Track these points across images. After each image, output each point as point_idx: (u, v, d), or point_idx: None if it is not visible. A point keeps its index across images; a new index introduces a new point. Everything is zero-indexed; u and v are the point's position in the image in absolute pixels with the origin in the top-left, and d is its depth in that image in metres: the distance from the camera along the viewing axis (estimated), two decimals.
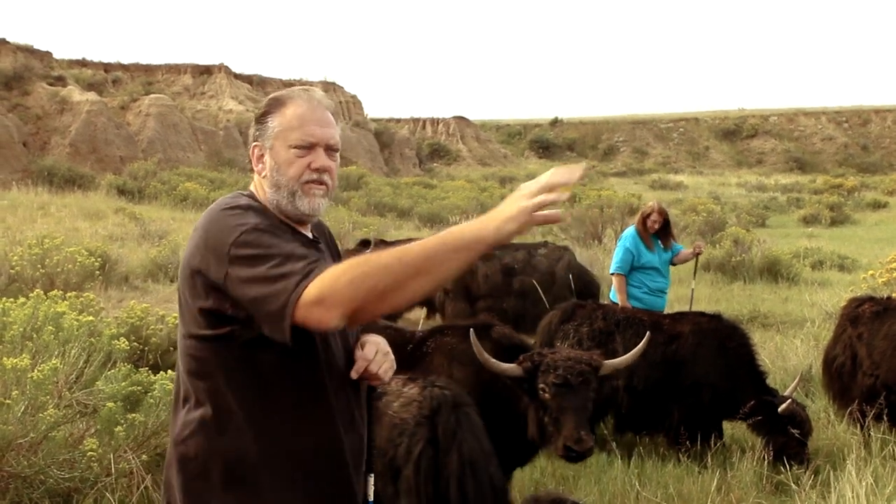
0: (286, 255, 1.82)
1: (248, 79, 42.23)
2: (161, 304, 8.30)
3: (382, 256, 1.76)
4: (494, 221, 1.76)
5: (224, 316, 1.90)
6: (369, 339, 2.08)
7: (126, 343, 4.80)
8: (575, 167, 1.80)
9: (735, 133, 69.77)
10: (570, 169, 1.79)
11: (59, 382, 4.19)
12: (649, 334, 4.45)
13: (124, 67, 40.65)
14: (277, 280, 1.78)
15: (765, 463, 4.90)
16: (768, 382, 5.47)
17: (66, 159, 25.36)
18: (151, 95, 32.19)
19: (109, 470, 3.95)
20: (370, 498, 2.12)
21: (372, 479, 2.13)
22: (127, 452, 4.04)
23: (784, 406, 5.03)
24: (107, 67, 39.75)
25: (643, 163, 60.08)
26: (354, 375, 2.04)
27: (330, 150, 2.06)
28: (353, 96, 46.53)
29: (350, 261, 1.78)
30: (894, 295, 6.30)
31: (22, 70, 28.68)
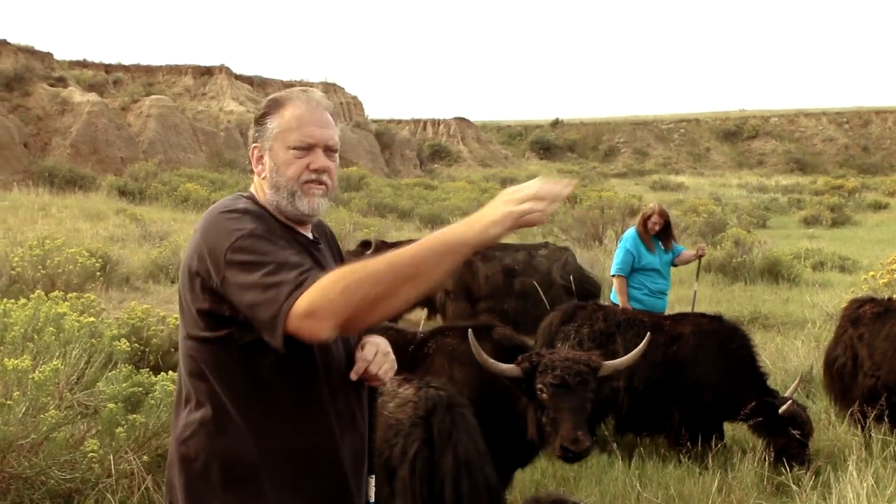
0: (280, 264, 1.82)
1: (249, 80, 42.22)
2: (162, 305, 8.31)
3: (372, 265, 1.76)
4: (479, 224, 1.77)
5: (222, 318, 1.90)
6: (369, 339, 2.08)
7: (127, 344, 4.80)
8: (565, 183, 1.80)
9: (736, 134, 69.75)
10: (560, 184, 1.80)
11: (60, 383, 4.19)
12: (650, 335, 4.44)
13: (125, 68, 40.66)
14: (269, 289, 1.79)
15: (766, 464, 4.90)
16: (769, 383, 5.47)
17: (67, 160, 25.33)
18: (152, 96, 32.15)
19: (110, 471, 3.96)
20: (371, 499, 2.12)
21: (373, 481, 2.13)
22: (128, 453, 4.05)
23: (785, 407, 5.03)
24: (108, 68, 39.76)
25: (644, 164, 60.05)
26: (354, 377, 2.03)
27: (329, 150, 2.06)
28: (354, 97, 46.53)
29: (340, 270, 1.77)
30: (895, 296, 6.30)
31: (23, 71, 28.68)
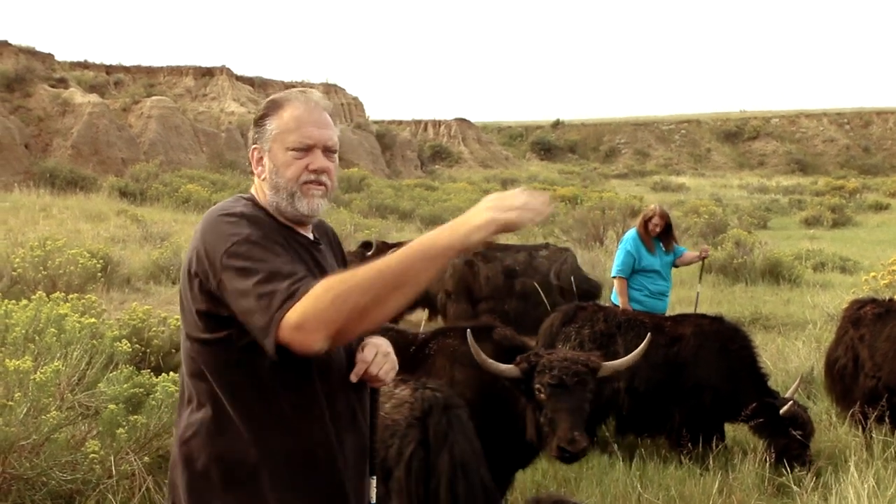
0: (272, 273, 1.82)
1: (250, 81, 42.24)
2: (163, 306, 8.30)
3: (360, 275, 1.77)
4: (463, 228, 1.79)
5: (221, 319, 1.91)
6: (369, 341, 2.07)
7: (128, 345, 4.80)
8: (546, 200, 1.84)
9: (737, 135, 69.74)
10: (543, 203, 1.83)
11: (61, 384, 4.19)
12: (650, 336, 4.44)
13: (126, 69, 40.67)
14: (262, 298, 1.80)
15: (766, 465, 4.90)
16: (770, 384, 5.47)
17: (68, 161, 25.32)
18: (153, 97, 32.14)
19: (111, 472, 3.96)
20: (372, 500, 2.12)
21: (374, 482, 2.12)
22: (129, 454, 4.05)
23: (786, 408, 5.03)
24: (109, 69, 39.79)
25: (645, 165, 60.05)
26: (354, 379, 2.03)
27: (328, 151, 2.07)
28: (355, 98, 46.55)
29: (329, 281, 1.78)
30: None
31: (24, 72, 28.68)
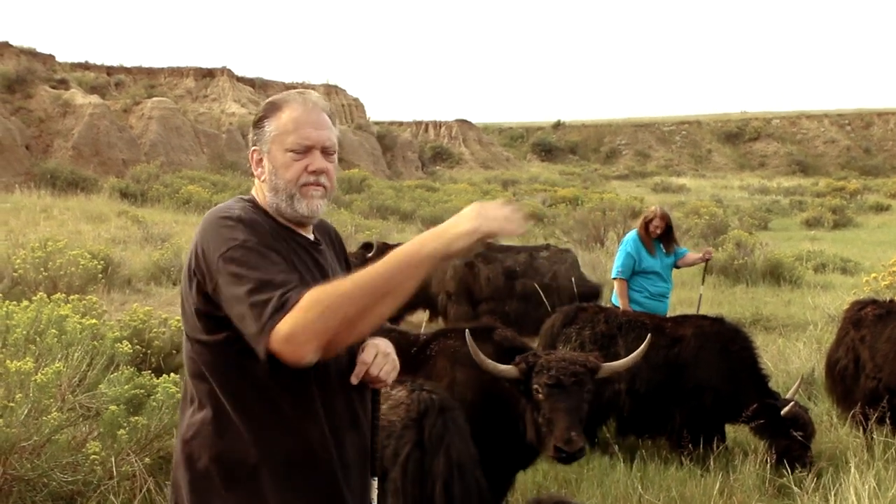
0: (265, 282, 1.83)
1: (251, 82, 42.27)
2: (164, 307, 8.30)
3: (347, 285, 1.78)
4: (447, 236, 1.81)
5: (220, 320, 1.91)
6: (370, 341, 2.07)
7: (129, 346, 4.80)
8: (525, 218, 1.88)
9: (737, 136, 69.77)
10: (522, 216, 1.86)
11: (62, 385, 4.19)
12: (650, 337, 4.43)
13: (127, 70, 40.71)
14: (253, 306, 1.81)
15: (767, 466, 4.89)
16: (771, 385, 5.47)
17: (69, 162, 25.34)
18: (154, 98, 32.16)
19: (112, 473, 3.96)
20: (373, 501, 2.12)
21: (375, 483, 2.12)
22: (130, 455, 4.05)
23: (787, 409, 5.03)
24: (109, 70, 39.82)
25: (645, 166, 60.07)
26: (354, 381, 2.03)
27: (326, 151, 2.07)
28: (356, 99, 46.59)
29: (319, 292, 1.79)
30: None
31: (25, 73, 28.71)
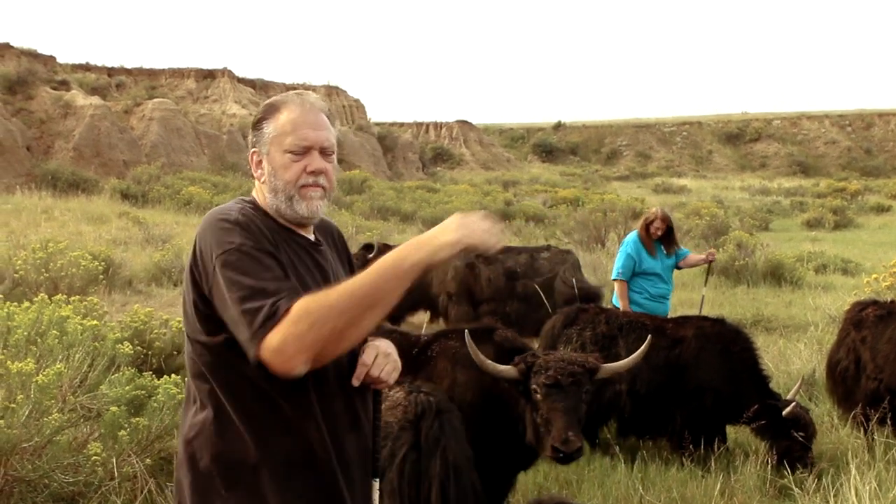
0: (258, 289, 1.84)
1: (252, 83, 42.27)
2: (165, 308, 8.30)
3: (334, 297, 1.80)
4: (430, 246, 1.85)
5: (219, 321, 1.92)
6: (370, 343, 2.07)
7: (130, 347, 4.80)
8: (502, 233, 1.94)
9: (738, 137, 69.78)
10: (500, 231, 1.92)
11: (63, 386, 4.19)
12: (650, 338, 4.42)
13: (128, 72, 40.73)
14: (245, 313, 1.83)
15: (768, 467, 4.89)
16: (771, 386, 5.46)
17: (70, 163, 25.34)
18: (155, 100, 32.17)
19: (113, 474, 3.96)
20: (375, 502, 2.11)
21: (377, 484, 2.12)
22: (131, 456, 4.06)
23: (788, 409, 5.03)
24: (110, 72, 39.84)
25: (646, 167, 60.09)
26: (356, 383, 2.04)
27: (325, 152, 2.08)
28: (357, 100, 46.58)
29: (308, 303, 1.80)
30: None
31: (26, 74, 28.75)
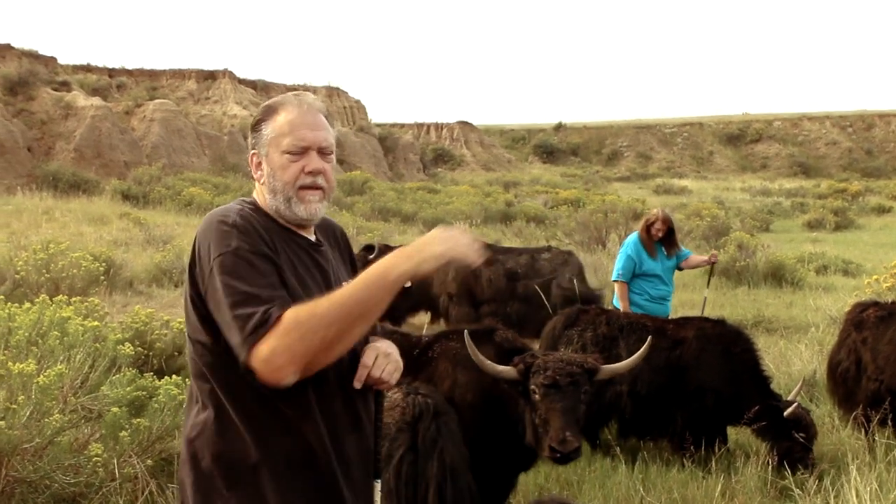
0: (251, 296, 1.85)
1: (253, 84, 42.31)
2: (166, 309, 8.30)
3: (323, 308, 1.82)
4: (416, 258, 1.88)
5: (215, 321, 1.92)
6: (371, 344, 2.08)
7: (131, 348, 4.81)
8: (483, 253, 1.97)
9: (739, 138, 69.79)
10: (481, 246, 1.95)
11: (64, 387, 4.19)
12: (651, 339, 4.41)
13: (129, 73, 40.79)
14: (237, 318, 1.83)
15: (769, 468, 4.89)
16: (772, 387, 5.46)
17: (71, 164, 25.35)
18: (156, 101, 32.21)
19: (114, 475, 3.96)
20: (376, 503, 2.11)
21: (378, 485, 2.12)
22: (132, 457, 4.06)
23: (789, 410, 5.03)
24: (111, 73, 39.89)
25: (647, 167, 60.11)
26: (357, 385, 2.04)
27: (323, 152, 2.08)
28: (357, 101, 46.60)
29: (298, 313, 1.81)
30: None
31: (27, 75, 28.78)
